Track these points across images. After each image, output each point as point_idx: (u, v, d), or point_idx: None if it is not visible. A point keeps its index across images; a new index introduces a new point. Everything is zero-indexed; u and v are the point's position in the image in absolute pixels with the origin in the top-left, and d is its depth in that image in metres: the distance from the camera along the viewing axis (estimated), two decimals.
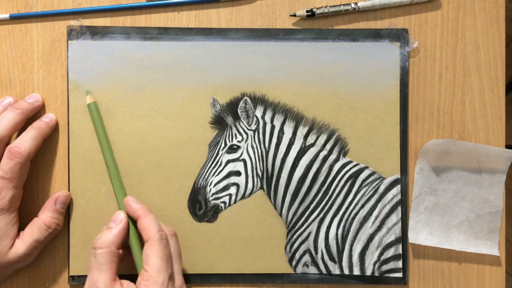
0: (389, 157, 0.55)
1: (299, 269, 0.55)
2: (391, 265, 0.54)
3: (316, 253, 0.55)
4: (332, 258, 0.55)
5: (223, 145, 0.54)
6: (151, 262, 0.46)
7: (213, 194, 0.54)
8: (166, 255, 0.47)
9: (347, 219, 0.55)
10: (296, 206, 0.55)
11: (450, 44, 0.56)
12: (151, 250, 0.47)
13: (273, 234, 0.54)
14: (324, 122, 0.55)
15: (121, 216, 0.50)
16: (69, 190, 0.54)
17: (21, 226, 0.52)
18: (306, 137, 0.55)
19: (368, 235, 0.54)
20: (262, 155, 0.55)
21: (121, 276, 0.49)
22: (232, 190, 0.54)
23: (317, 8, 0.55)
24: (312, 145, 0.55)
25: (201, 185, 0.54)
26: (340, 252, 0.54)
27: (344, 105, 0.55)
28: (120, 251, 0.49)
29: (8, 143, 0.51)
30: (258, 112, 0.55)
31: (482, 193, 0.55)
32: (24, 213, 0.53)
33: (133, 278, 0.48)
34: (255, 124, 0.55)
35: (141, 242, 0.49)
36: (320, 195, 0.55)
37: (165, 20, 0.55)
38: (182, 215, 0.54)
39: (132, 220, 0.50)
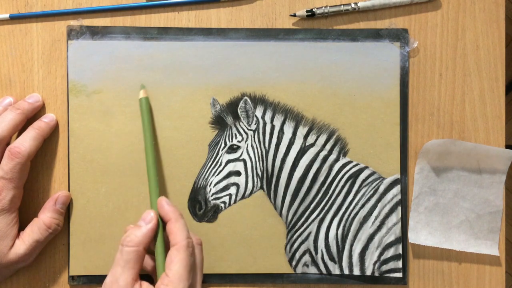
0: (389, 157, 0.55)
1: (299, 269, 0.55)
2: (391, 265, 0.54)
3: (316, 253, 0.55)
4: (332, 258, 0.55)
5: (223, 145, 0.54)
6: (174, 268, 0.45)
7: (213, 194, 0.54)
8: (190, 264, 0.46)
9: (347, 219, 0.55)
10: (296, 206, 0.55)
11: (450, 44, 0.56)
12: (176, 256, 0.46)
13: (273, 234, 0.55)
14: (324, 122, 0.55)
15: (151, 215, 0.48)
16: (69, 190, 0.54)
17: (21, 226, 0.52)
18: (306, 137, 0.55)
19: (368, 235, 0.54)
20: (262, 155, 0.55)
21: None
22: (232, 190, 0.54)
23: (317, 8, 0.55)
24: (312, 145, 0.55)
25: (201, 185, 0.54)
26: (340, 252, 0.55)
27: (344, 105, 0.55)
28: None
29: (8, 144, 0.51)
30: (258, 112, 0.55)
31: (482, 193, 0.55)
32: (24, 213, 0.53)
33: (144, 277, 0.48)
34: (255, 124, 0.55)
35: (166, 245, 0.48)
36: (320, 195, 0.55)
37: (165, 20, 0.55)
38: None
39: (160, 222, 0.49)
